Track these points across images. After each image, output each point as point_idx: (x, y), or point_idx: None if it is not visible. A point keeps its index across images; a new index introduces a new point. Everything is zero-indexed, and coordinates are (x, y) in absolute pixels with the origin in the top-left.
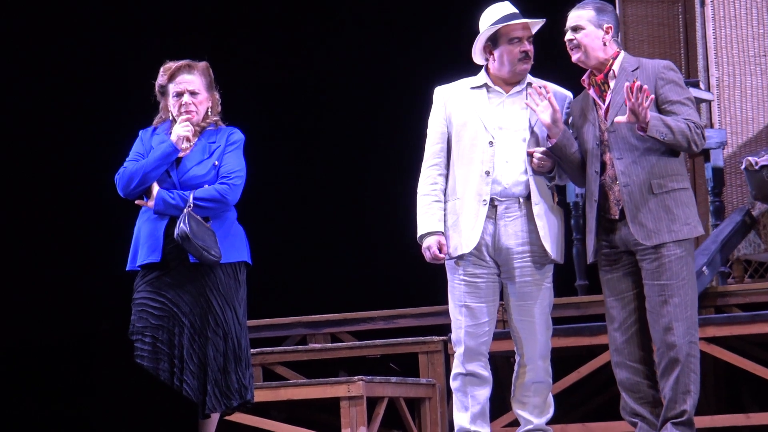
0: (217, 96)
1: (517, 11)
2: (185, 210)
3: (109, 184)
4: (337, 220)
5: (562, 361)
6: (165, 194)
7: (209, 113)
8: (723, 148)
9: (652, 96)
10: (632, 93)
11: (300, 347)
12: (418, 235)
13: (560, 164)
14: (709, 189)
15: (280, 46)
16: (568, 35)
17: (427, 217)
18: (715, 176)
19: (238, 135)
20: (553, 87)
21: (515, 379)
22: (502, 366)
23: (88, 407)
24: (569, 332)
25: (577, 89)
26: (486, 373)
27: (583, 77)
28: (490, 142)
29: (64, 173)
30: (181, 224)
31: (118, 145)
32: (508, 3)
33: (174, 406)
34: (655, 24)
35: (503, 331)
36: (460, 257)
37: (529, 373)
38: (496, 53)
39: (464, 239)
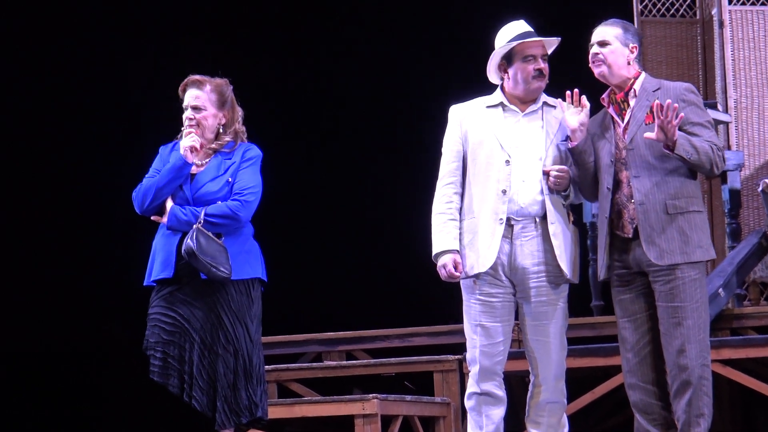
0: (240, 113)
1: (531, 29)
2: (194, 226)
3: (128, 195)
4: (353, 237)
5: (576, 382)
6: (177, 210)
7: (221, 131)
8: (740, 170)
9: (682, 114)
10: (662, 111)
11: (315, 364)
12: (434, 253)
13: (573, 175)
14: (726, 211)
15: (298, 64)
16: (594, 49)
17: (442, 236)
18: (732, 198)
19: (254, 151)
20: (567, 104)
21: (530, 399)
22: (517, 385)
23: (102, 421)
24: (584, 352)
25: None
26: (501, 392)
27: (603, 95)
28: (507, 161)
29: (85, 183)
30: (188, 240)
31: (134, 153)
32: (522, 21)
33: (186, 422)
34: (673, 45)
35: (518, 350)
36: (476, 276)
37: (543, 393)
38: (510, 71)
39: (481, 258)
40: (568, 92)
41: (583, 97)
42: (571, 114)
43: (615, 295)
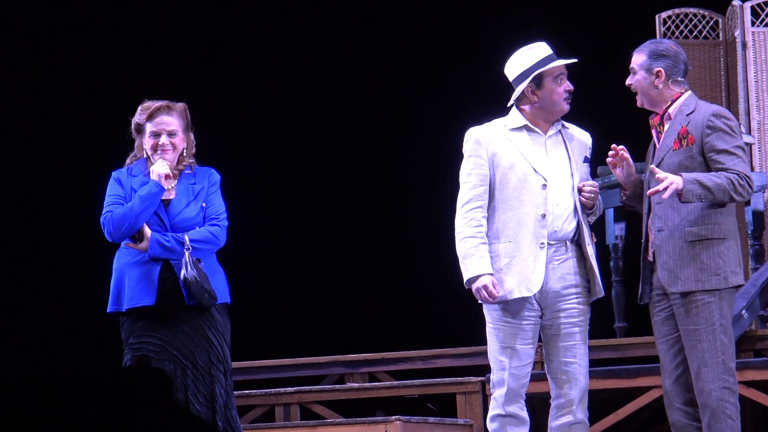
0: (192, 138)
1: (552, 51)
2: (186, 253)
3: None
4: (376, 259)
5: (599, 404)
6: (160, 237)
7: (184, 155)
8: (764, 192)
9: (672, 182)
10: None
11: (338, 386)
12: (468, 276)
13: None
14: (749, 233)
15: (298, 86)
16: (627, 79)
17: (475, 260)
18: (755, 220)
19: (216, 176)
20: (573, 126)
21: (553, 420)
22: (539, 407)
23: None
24: (607, 374)
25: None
26: (524, 414)
27: (650, 118)
28: (544, 185)
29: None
30: (189, 268)
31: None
32: (544, 44)
33: None
34: (696, 67)
35: (540, 372)
36: (519, 300)
37: (568, 414)
38: (540, 93)
39: (525, 282)
40: (613, 146)
41: (621, 151)
42: (615, 167)
43: (651, 316)
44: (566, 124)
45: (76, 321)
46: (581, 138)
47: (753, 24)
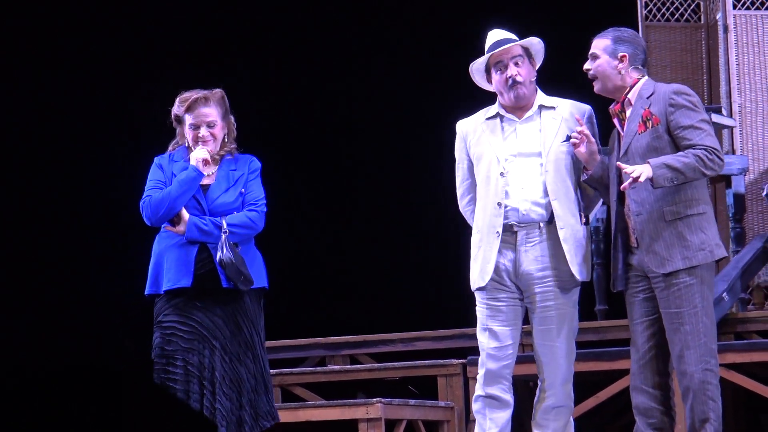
0: (233, 122)
1: (504, 36)
2: (223, 236)
3: (131, 204)
4: (358, 241)
5: (580, 386)
6: (198, 221)
7: (225, 140)
8: (744, 175)
9: (642, 173)
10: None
11: (319, 369)
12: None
13: (600, 192)
14: (730, 215)
15: (302, 75)
16: (586, 64)
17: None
18: (736, 202)
19: (257, 163)
20: (569, 102)
21: (536, 403)
22: (522, 389)
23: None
24: (588, 357)
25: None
26: (507, 396)
27: (610, 107)
28: (502, 173)
29: (90, 191)
30: (225, 251)
31: (138, 167)
32: (496, 30)
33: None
34: (678, 50)
35: (524, 354)
36: (481, 289)
37: (550, 397)
38: (493, 84)
39: (481, 272)
40: (578, 118)
41: (582, 127)
42: (577, 146)
43: (626, 297)
44: (551, 104)
45: (72, 317)
46: (571, 114)
47: (734, 7)
